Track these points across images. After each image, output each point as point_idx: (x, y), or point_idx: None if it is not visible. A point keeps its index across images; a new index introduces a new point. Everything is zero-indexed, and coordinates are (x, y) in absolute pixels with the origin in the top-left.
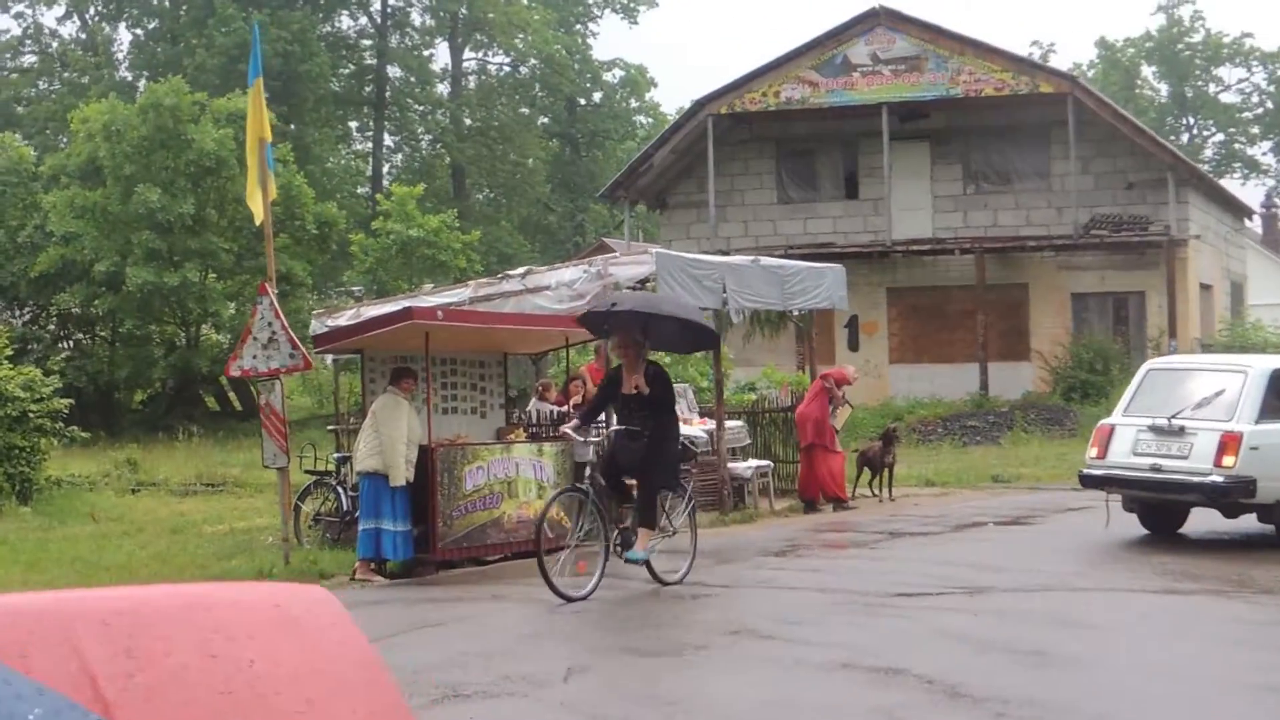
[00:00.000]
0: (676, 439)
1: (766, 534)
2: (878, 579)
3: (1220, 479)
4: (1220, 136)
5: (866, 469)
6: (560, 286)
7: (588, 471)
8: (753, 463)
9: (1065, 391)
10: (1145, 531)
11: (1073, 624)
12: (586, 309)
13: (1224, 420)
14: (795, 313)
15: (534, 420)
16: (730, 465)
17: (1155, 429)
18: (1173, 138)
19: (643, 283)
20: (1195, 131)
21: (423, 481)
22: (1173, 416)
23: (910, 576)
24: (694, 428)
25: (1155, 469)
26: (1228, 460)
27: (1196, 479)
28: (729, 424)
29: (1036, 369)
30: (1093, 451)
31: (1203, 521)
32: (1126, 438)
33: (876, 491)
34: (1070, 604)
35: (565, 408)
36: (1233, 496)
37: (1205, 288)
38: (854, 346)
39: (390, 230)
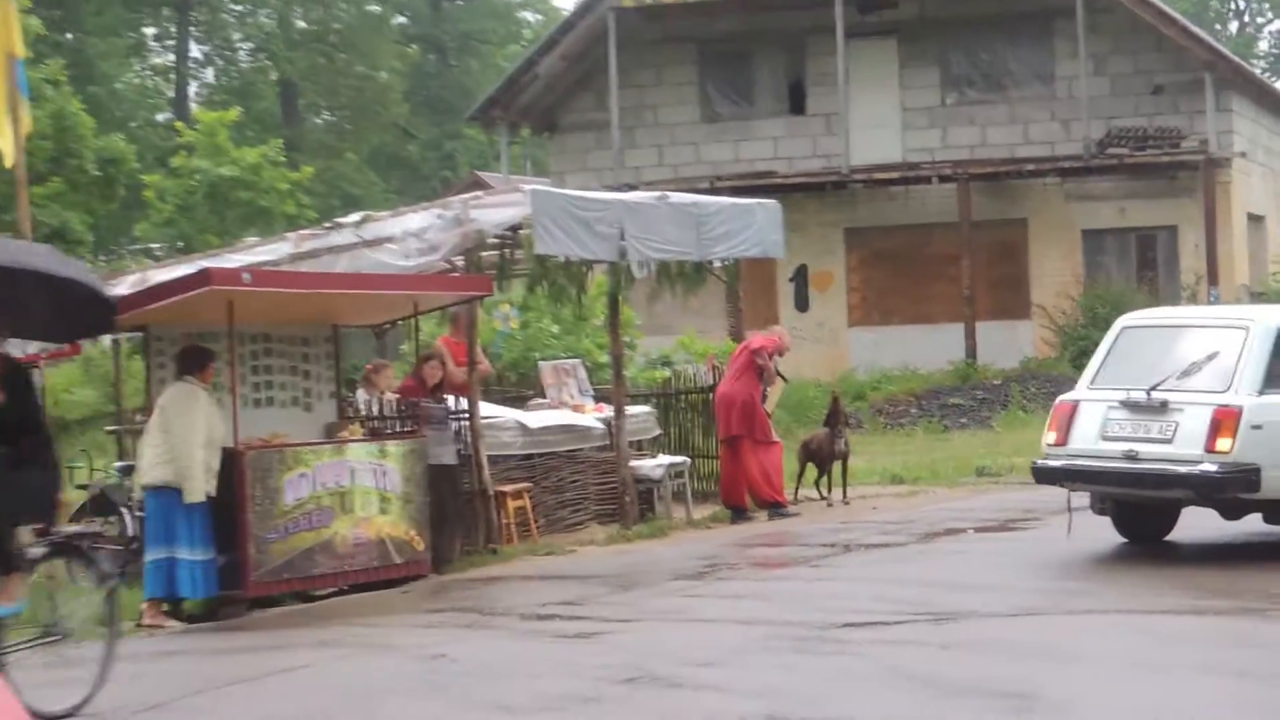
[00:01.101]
0: (53, 468)
1: (681, 551)
2: (821, 605)
3: (1213, 468)
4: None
5: (811, 464)
6: (407, 237)
7: None
8: (664, 460)
9: (1075, 357)
10: (1123, 540)
11: (1065, 657)
12: (442, 263)
13: (1218, 391)
14: (717, 264)
15: (369, 412)
16: (634, 464)
17: (1130, 405)
18: (1218, 27)
19: (515, 229)
20: (1248, 20)
21: (229, 496)
22: (1153, 388)
23: (862, 601)
24: (586, 416)
25: (1130, 457)
26: (1223, 443)
27: (1183, 469)
28: (632, 410)
29: (1038, 329)
30: (1050, 436)
31: (1196, 525)
32: (1093, 417)
33: (825, 493)
34: (1062, 632)
35: (427, 394)
36: (1230, 491)
37: (1255, 219)
38: (802, 305)
39: (196, 169)
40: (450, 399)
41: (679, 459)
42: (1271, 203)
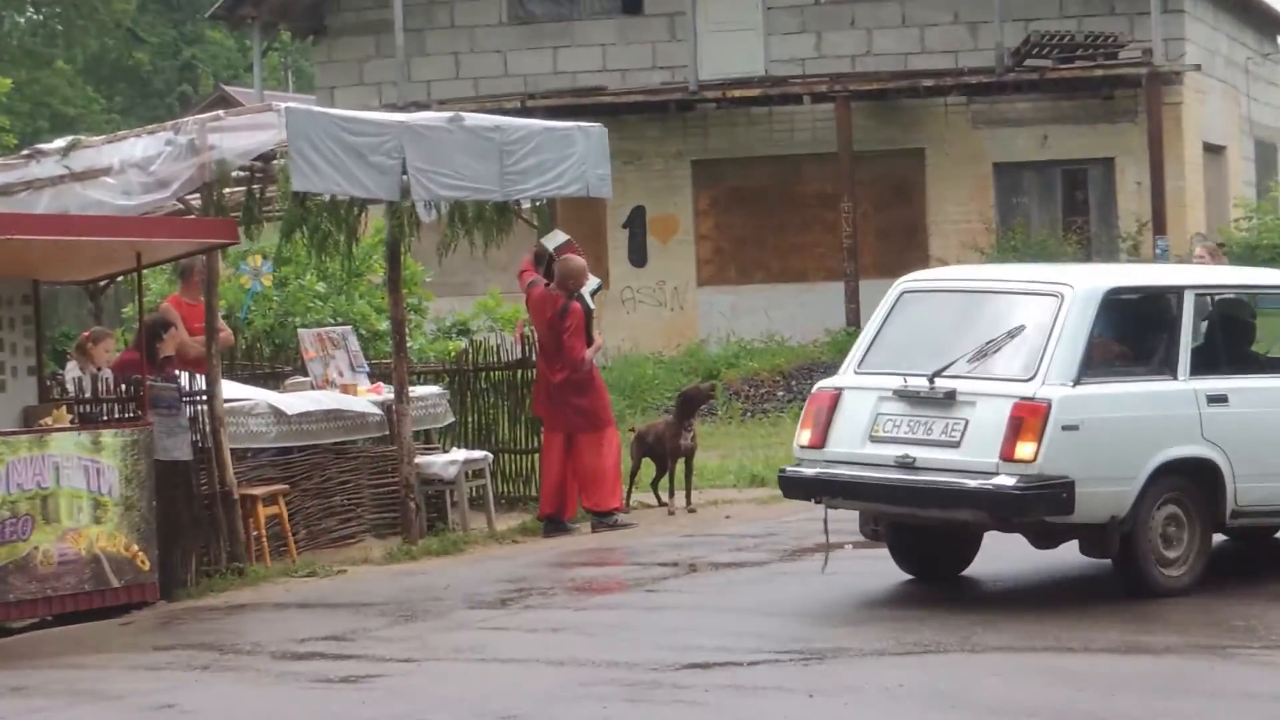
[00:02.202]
0: None
1: (479, 572)
2: (657, 642)
3: (1011, 481)
4: None
5: (649, 460)
6: (128, 169)
7: None
8: (459, 454)
9: None
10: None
11: (969, 706)
12: (173, 203)
13: (1021, 379)
14: (526, 204)
15: (79, 392)
16: (421, 460)
17: (907, 396)
18: None
19: (267, 159)
20: None
21: None
22: (937, 374)
23: (710, 636)
24: (359, 398)
25: (905, 465)
26: (1024, 449)
27: (971, 482)
28: (419, 391)
29: None
30: (803, 435)
31: (1006, 554)
32: (860, 411)
33: (665, 498)
34: (963, 672)
35: (154, 370)
36: (1032, 512)
37: (1214, 150)
38: (639, 258)
39: None
40: (184, 376)
41: (478, 454)
42: (1234, 129)
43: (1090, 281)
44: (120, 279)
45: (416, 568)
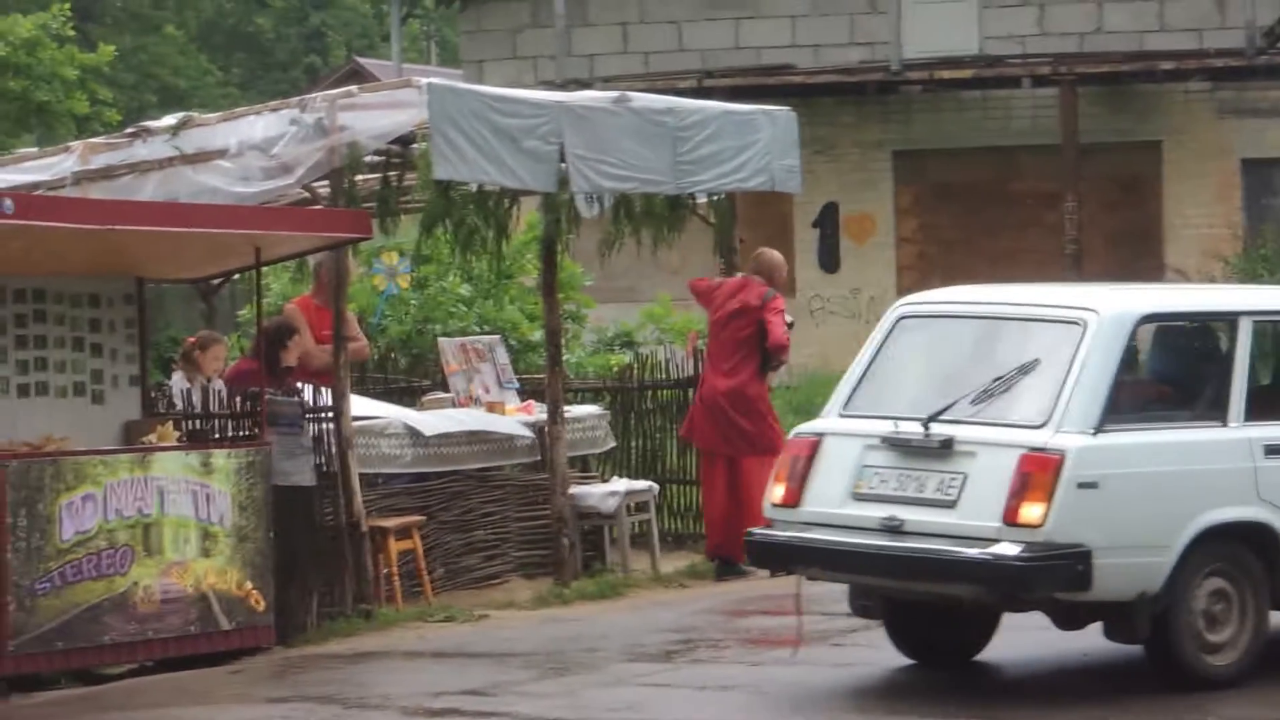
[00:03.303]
0: None
1: (641, 620)
2: (842, 704)
3: (1014, 550)
4: None
5: None
6: (247, 151)
7: None
8: (621, 485)
9: None
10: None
11: None
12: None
13: (1031, 425)
14: (701, 198)
15: (188, 407)
16: (577, 490)
17: (898, 444)
18: None
19: (406, 142)
20: None
21: None
22: (933, 417)
23: (903, 698)
24: (507, 418)
25: (892, 528)
26: (1030, 510)
27: (968, 550)
28: (576, 412)
29: None
30: (776, 491)
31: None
32: (843, 462)
33: None
34: None
35: (275, 383)
36: (1040, 587)
37: None
38: (830, 263)
39: None
40: (308, 390)
41: (642, 485)
42: None
43: (1119, 306)
44: (236, 277)
45: (569, 614)
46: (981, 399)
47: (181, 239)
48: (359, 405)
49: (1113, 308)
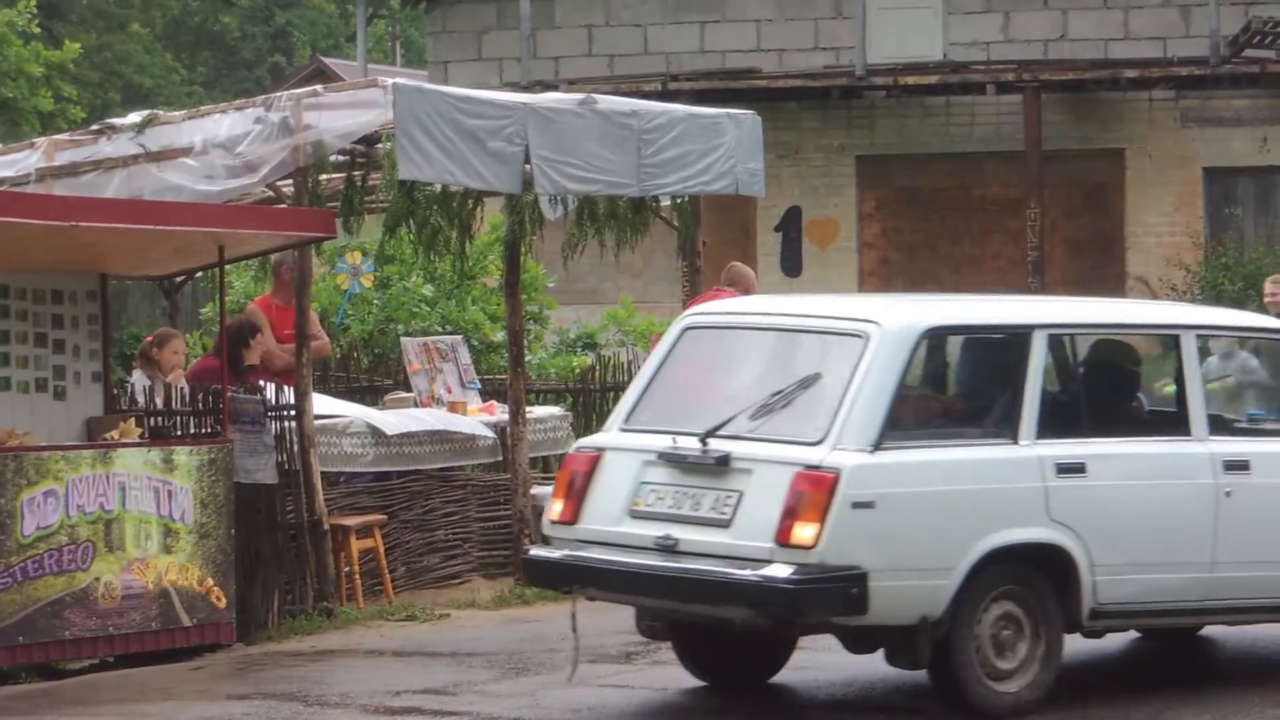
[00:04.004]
0: None
1: (603, 621)
2: (801, 699)
3: (785, 572)
4: None
5: None
6: (212, 149)
7: None
8: None
9: None
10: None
11: None
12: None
13: (808, 441)
14: (665, 201)
15: (150, 403)
16: (538, 491)
17: (675, 460)
18: None
19: (371, 142)
20: None
21: None
22: (711, 432)
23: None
24: (469, 418)
25: (666, 547)
26: (802, 531)
27: (739, 572)
28: (538, 413)
29: None
30: (555, 507)
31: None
32: (621, 478)
33: None
34: None
35: (236, 381)
36: (812, 610)
37: None
38: (793, 267)
39: None
40: (269, 388)
41: None
42: None
43: (902, 318)
44: (199, 275)
45: (530, 614)
46: (760, 414)
47: (145, 236)
48: (321, 404)
49: (895, 320)
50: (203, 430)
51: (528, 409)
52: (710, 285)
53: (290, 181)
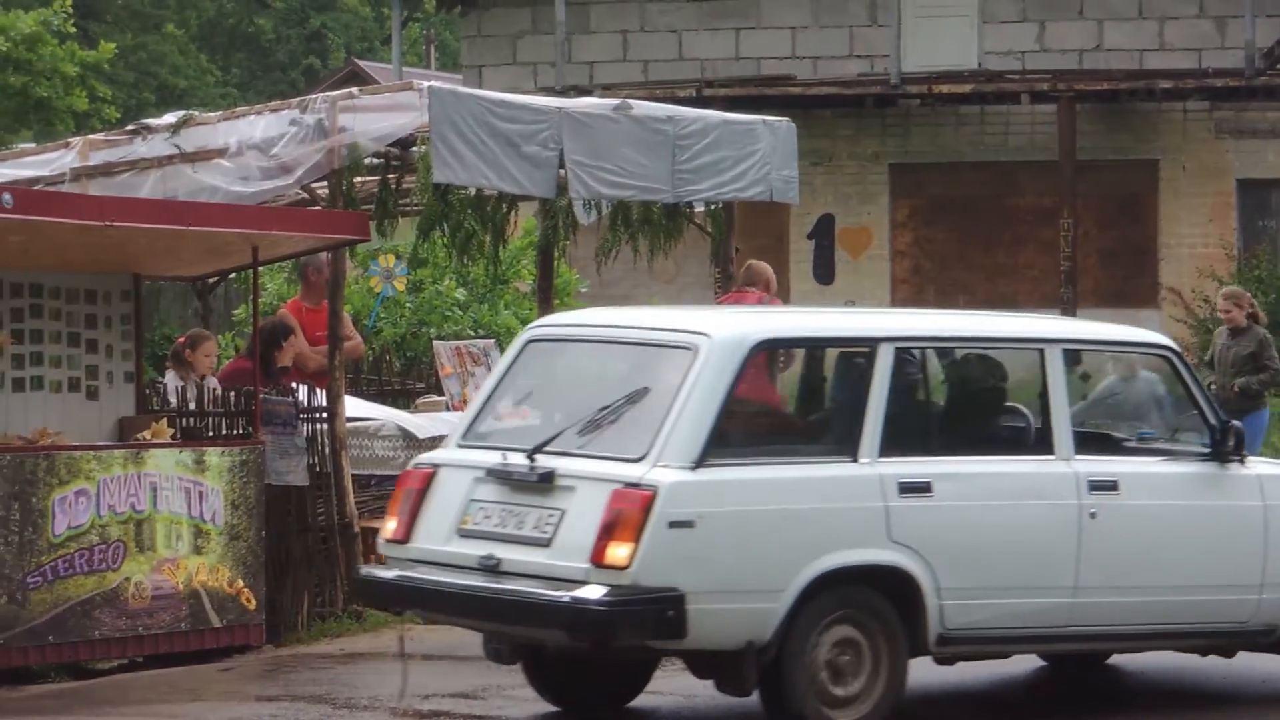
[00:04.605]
0: None
1: None
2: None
3: (596, 594)
4: None
5: None
6: (247, 150)
7: None
8: None
9: None
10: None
11: None
12: (298, 191)
13: (630, 457)
14: (699, 207)
15: (182, 404)
16: None
17: (503, 476)
18: None
19: (405, 145)
20: None
21: None
22: (539, 448)
23: None
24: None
25: (488, 567)
26: (617, 551)
27: (549, 594)
28: None
29: (1169, 323)
30: (389, 526)
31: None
32: (453, 495)
33: None
34: None
35: (268, 382)
36: (622, 634)
37: None
38: (825, 275)
39: None
40: (301, 390)
41: None
42: None
43: (734, 329)
44: (233, 276)
45: None
46: (589, 429)
47: (179, 237)
48: (353, 407)
49: (725, 332)
50: (234, 432)
51: None
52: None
53: (325, 184)
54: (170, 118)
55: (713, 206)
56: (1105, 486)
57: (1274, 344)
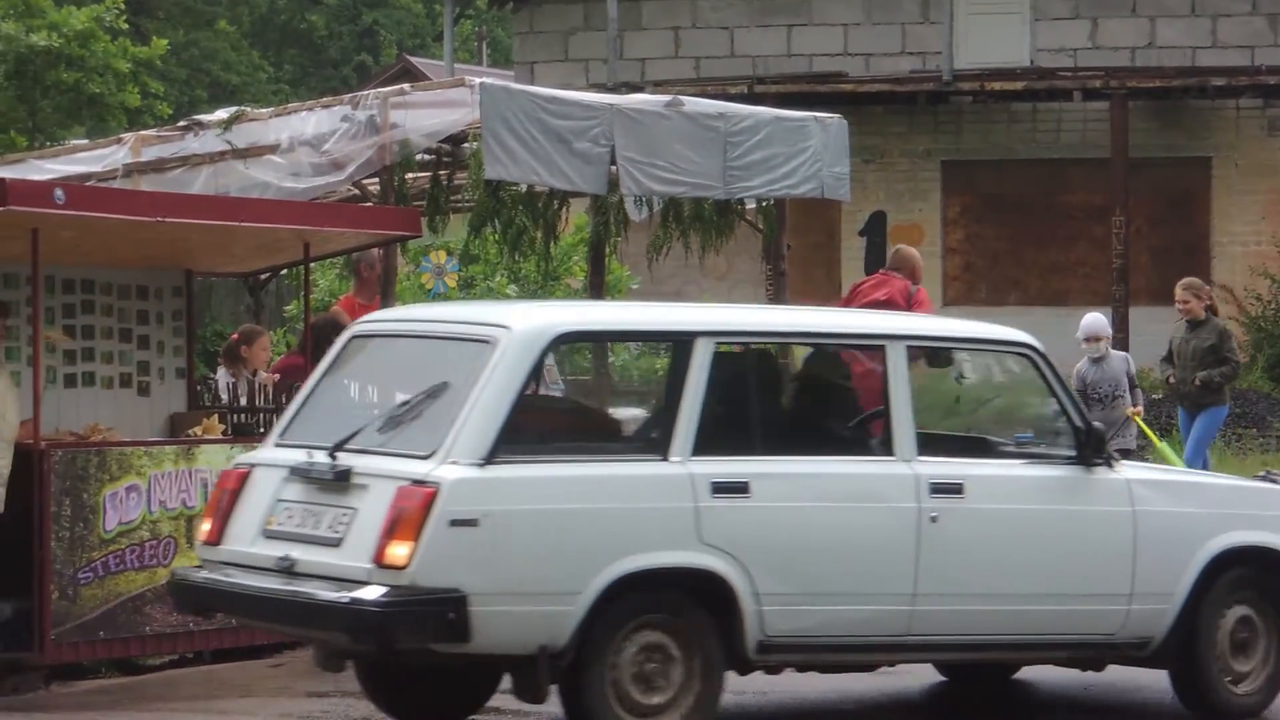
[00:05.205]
0: None
1: None
2: None
3: (374, 594)
4: None
5: None
6: (299, 146)
7: None
8: None
9: (1274, 365)
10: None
11: None
12: (350, 187)
13: (420, 454)
14: (751, 204)
15: (232, 399)
16: None
17: (305, 474)
18: None
19: (457, 141)
20: None
21: (20, 515)
22: (339, 445)
23: None
24: None
25: (285, 569)
26: (396, 550)
27: (329, 595)
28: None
29: (1221, 319)
30: (203, 528)
31: None
32: (262, 495)
33: None
34: None
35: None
36: (399, 637)
37: None
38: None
39: None
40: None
41: None
42: None
43: (533, 322)
44: (284, 272)
45: None
46: (389, 426)
47: (231, 233)
48: None
49: (525, 324)
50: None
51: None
52: (801, 296)
53: (376, 180)
54: (222, 114)
55: (764, 203)
56: (948, 489)
57: (1234, 336)
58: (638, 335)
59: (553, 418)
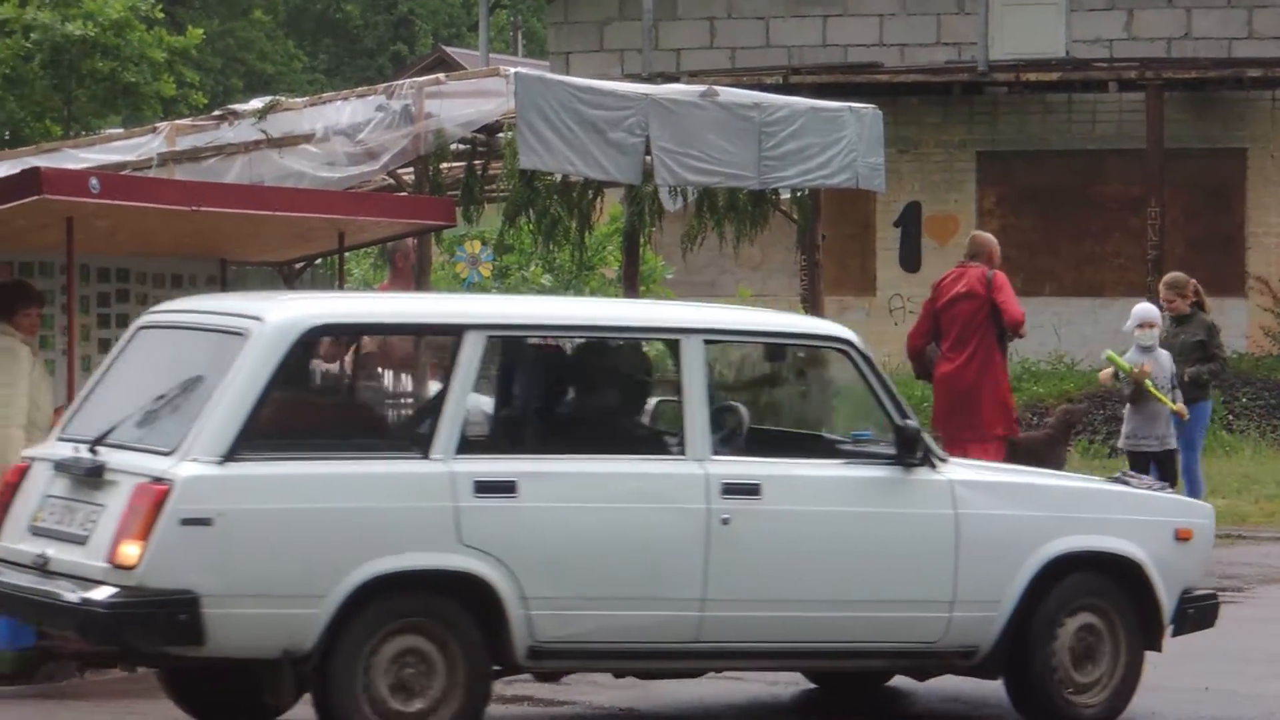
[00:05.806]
0: None
1: None
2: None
3: (105, 594)
4: None
5: None
6: (334, 136)
7: None
8: None
9: None
10: None
11: None
12: (384, 176)
13: (162, 450)
14: (785, 194)
15: None
16: None
17: (65, 469)
18: None
19: (492, 131)
20: None
21: None
22: (99, 440)
23: None
24: None
25: (40, 566)
26: (127, 550)
27: (63, 594)
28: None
29: (1256, 312)
30: None
31: None
32: (35, 490)
33: None
34: None
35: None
36: (133, 637)
37: None
38: (912, 263)
39: (32, 24)
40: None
41: None
42: None
43: (285, 314)
44: (319, 261)
45: None
46: (146, 420)
47: (265, 222)
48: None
49: (278, 316)
50: None
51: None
52: (837, 287)
53: (411, 169)
54: (257, 103)
55: (799, 193)
56: (744, 490)
57: (1220, 331)
58: (399, 328)
59: (312, 414)
